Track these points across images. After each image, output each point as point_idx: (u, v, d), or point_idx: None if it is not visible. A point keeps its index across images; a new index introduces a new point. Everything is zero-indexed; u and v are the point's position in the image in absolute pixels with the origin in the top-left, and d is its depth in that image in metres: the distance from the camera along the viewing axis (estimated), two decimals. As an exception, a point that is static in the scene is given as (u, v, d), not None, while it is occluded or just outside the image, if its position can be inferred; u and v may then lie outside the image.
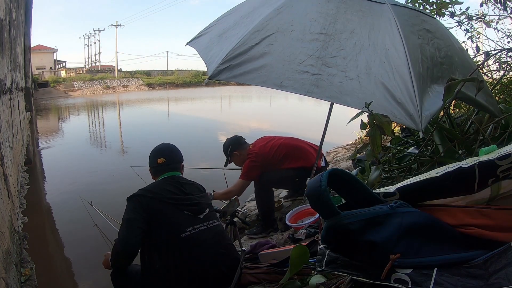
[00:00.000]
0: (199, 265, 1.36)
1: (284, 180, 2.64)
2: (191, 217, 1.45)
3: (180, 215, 1.43)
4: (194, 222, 1.44)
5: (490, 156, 0.71)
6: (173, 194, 1.47)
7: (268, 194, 2.63)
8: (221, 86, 31.95)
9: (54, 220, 3.48)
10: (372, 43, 1.45)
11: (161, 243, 1.38)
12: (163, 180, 1.56)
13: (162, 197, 1.43)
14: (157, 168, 1.60)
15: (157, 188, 1.49)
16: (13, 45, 4.13)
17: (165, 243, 1.37)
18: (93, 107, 17.84)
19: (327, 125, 2.37)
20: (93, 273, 2.46)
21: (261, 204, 2.63)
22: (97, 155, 6.61)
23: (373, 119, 1.19)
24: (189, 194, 1.52)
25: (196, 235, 1.40)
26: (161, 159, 1.59)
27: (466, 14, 3.03)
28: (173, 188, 1.50)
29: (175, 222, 1.40)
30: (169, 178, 1.57)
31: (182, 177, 1.63)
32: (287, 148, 2.62)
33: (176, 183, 1.54)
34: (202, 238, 1.41)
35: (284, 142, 2.68)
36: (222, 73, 1.48)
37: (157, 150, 1.65)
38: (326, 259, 0.76)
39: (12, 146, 3.47)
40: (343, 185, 0.81)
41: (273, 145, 2.64)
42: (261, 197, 2.62)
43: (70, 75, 33.44)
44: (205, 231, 1.44)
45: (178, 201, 1.46)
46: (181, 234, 1.38)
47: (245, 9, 1.89)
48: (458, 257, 0.65)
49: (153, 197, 1.42)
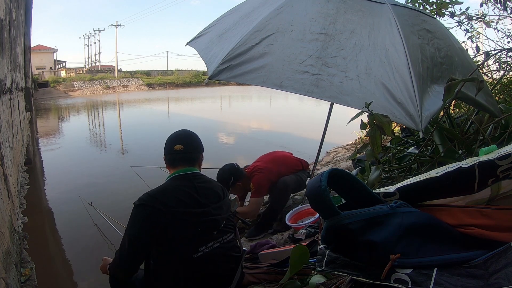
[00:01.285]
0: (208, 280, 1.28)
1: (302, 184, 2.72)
2: (205, 233, 1.29)
3: (193, 233, 1.26)
4: (207, 239, 1.29)
5: (490, 156, 0.71)
6: (186, 206, 1.27)
7: (285, 198, 2.65)
8: (221, 86, 31.95)
9: (54, 220, 3.48)
10: (372, 43, 1.46)
11: (170, 262, 1.24)
12: (176, 183, 1.33)
13: (174, 212, 1.23)
14: (174, 156, 1.39)
15: (169, 198, 1.26)
16: (13, 45, 4.13)
17: (175, 263, 1.24)
18: (93, 107, 17.83)
19: (327, 125, 2.37)
20: (93, 273, 2.46)
21: (274, 206, 2.62)
22: (97, 155, 6.61)
23: (373, 119, 1.19)
24: (205, 205, 1.31)
25: (208, 254, 1.27)
26: (179, 145, 1.38)
27: (466, 14, 3.03)
28: (188, 198, 1.28)
29: (187, 242, 1.24)
30: (183, 179, 1.34)
31: (198, 175, 1.40)
32: (280, 159, 2.77)
33: (191, 188, 1.32)
34: (214, 257, 1.29)
35: (274, 155, 2.85)
36: (222, 73, 1.49)
37: (174, 136, 1.43)
38: (326, 259, 0.76)
39: (12, 146, 3.47)
40: (343, 185, 0.81)
41: (267, 160, 2.73)
42: (278, 200, 2.61)
43: (70, 75, 33.44)
44: (218, 248, 1.31)
45: (192, 217, 1.26)
46: (194, 255, 1.24)
47: (245, 9, 1.89)
48: (458, 257, 0.65)
49: (164, 212, 1.22)
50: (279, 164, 2.68)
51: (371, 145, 1.26)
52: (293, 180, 2.64)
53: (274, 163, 2.68)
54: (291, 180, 2.61)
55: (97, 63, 42.97)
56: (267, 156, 2.83)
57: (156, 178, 4.46)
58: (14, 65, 4.39)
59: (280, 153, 2.91)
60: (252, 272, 1.49)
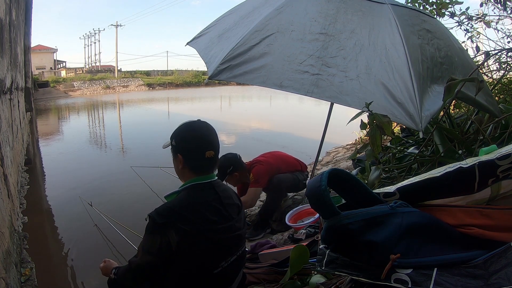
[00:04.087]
0: None
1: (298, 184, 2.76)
2: (228, 249, 1.20)
3: (216, 249, 1.15)
4: (228, 254, 1.20)
5: (490, 156, 0.71)
6: (213, 223, 1.13)
7: (280, 195, 2.69)
8: (221, 86, 31.95)
9: (54, 220, 3.47)
10: (372, 43, 1.46)
11: (188, 276, 1.14)
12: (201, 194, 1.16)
13: (200, 230, 1.10)
14: (203, 163, 1.17)
15: (196, 215, 1.10)
16: (13, 45, 4.13)
17: (193, 278, 1.14)
18: (93, 107, 17.83)
19: (327, 125, 2.37)
20: (93, 273, 2.46)
21: (269, 203, 2.66)
22: (97, 155, 6.60)
23: (373, 119, 1.19)
24: (229, 218, 1.19)
25: (227, 268, 1.20)
26: (211, 152, 1.16)
27: (466, 14, 3.03)
28: (214, 213, 1.15)
29: (210, 259, 1.15)
30: (208, 188, 1.18)
31: (219, 183, 1.24)
32: (280, 157, 2.84)
33: (217, 200, 1.17)
34: (231, 270, 1.23)
35: (275, 153, 2.91)
36: (222, 73, 1.49)
37: (201, 137, 1.19)
38: (326, 259, 0.76)
39: (12, 146, 3.48)
40: (343, 185, 0.81)
41: (268, 156, 2.81)
42: (273, 198, 2.66)
43: (70, 75, 33.45)
44: (235, 261, 1.24)
45: (218, 234, 1.14)
46: (214, 270, 1.15)
47: (245, 9, 1.89)
48: (458, 257, 0.65)
49: (189, 232, 1.07)
50: (278, 161, 2.74)
51: (371, 145, 1.26)
52: (289, 178, 2.68)
53: (274, 159, 2.76)
54: (287, 178, 2.66)
55: (97, 63, 43.06)
56: (268, 153, 2.90)
57: (156, 178, 4.48)
58: (14, 65, 4.39)
59: (281, 152, 2.99)
60: (252, 272, 1.49)
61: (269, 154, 2.86)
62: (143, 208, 3.49)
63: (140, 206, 3.62)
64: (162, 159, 5.51)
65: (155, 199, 3.61)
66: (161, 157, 5.86)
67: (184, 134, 1.21)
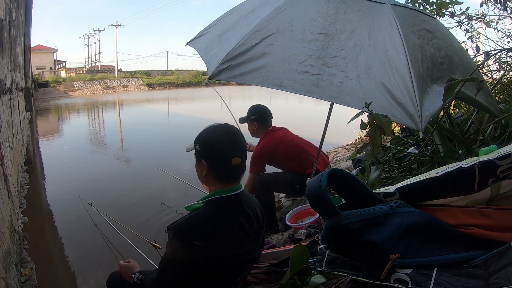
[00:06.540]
0: None
1: (283, 185, 2.62)
2: (247, 267, 1.19)
3: (236, 268, 1.12)
4: (244, 269, 1.17)
5: (490, 156, 0.71)
6: (238, 245, 1.08)
7: (267, 198, 2.57)
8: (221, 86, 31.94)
9: (54, 220, 3.47)
10: (372, 43, 1.46)
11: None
12: (229, 212, 1.08)
13: (225, 252, 1.04)
14: (229, 172, 1.09)
15: (222, 234, 1.04)
16: (13, 45, 4.13)
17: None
18: (93, 107, 17.83)
19: (327, 125, 2.37)
20: (93, 273, 2.46)
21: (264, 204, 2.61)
22: (97, 155, 6.60)
23: (373, 119, 1.19)
24: (253, 238, 1.14)
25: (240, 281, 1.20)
26: (237, 159, 1.07)
27: (466, 14, 3.03)
28: (240, 233, 1.08)
29: (229, 276, 1.11)
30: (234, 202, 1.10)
31: (244, 194, 1.16)
32: (294, 147, 2.59)
33: (243, 216, 1.10)
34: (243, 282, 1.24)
35: (295, 141, 2.65)
36: (222, 73, 1.49)
37: (227, 142, 1.08)
38: (326, 259, 0.76)
39: (12, 146, 3.47)
40: (343, 185, 0.81)
41: (284, 140, 2.61)
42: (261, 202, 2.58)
43: (70, 75, 33.45)
44: (246, 274, 1.24)
45: (241, 256, 1.10)
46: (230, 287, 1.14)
47: (245, 9, 1.89)
48: (458, 257, 0.65)
49: (214, 251, 1.02)
50: (289, 155, 2.54)
51: (371, 145, 1.26)
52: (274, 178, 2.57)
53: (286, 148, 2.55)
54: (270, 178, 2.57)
55: (97, 63, 43.08)
56: (290, 136, 2.68)
57: (156, 178, 4.48)
58: (14, 65, 4.39)
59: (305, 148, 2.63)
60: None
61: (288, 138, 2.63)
62: (143, 208, 3.50)
63: (140, 206, 3.62)
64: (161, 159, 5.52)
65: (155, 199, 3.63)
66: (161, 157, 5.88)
67: (209, 138, 1.10)
